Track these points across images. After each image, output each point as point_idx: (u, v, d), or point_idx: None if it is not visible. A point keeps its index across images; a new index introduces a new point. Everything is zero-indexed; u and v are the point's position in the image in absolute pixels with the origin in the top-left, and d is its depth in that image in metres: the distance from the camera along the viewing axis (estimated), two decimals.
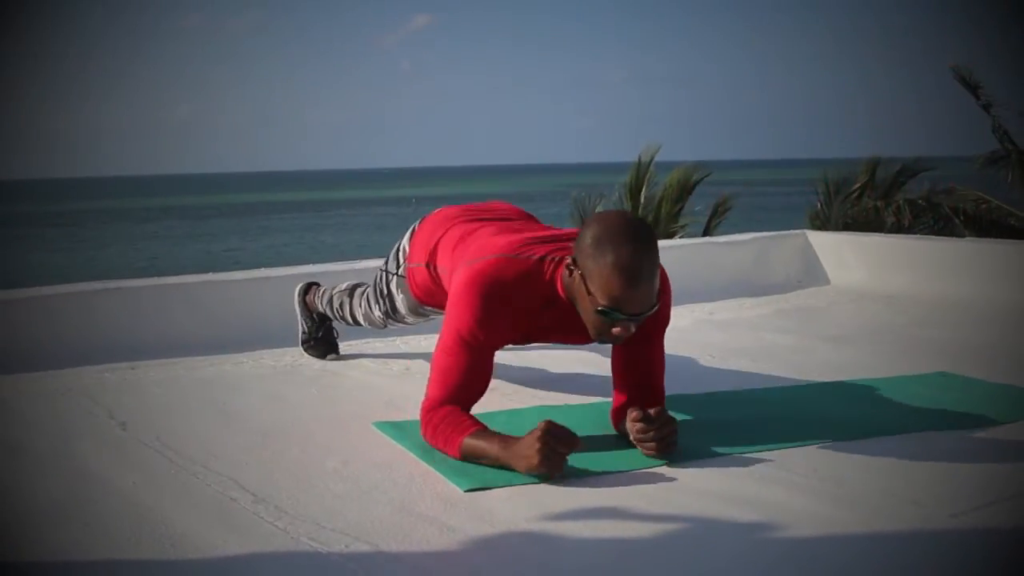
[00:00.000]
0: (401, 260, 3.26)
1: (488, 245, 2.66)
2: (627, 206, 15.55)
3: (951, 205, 15.10)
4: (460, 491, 2.28)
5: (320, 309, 3.80)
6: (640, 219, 2.52)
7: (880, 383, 3.24)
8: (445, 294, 2.93)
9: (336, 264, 4.85)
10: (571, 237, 2.63)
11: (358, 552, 1.95)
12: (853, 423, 2.78)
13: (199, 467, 2.50)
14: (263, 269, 4.72)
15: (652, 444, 2.44)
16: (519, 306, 2.55)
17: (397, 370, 3.62)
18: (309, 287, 3.90)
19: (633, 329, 2.42)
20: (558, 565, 1.90)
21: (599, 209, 15.62)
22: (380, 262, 3.50)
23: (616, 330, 2.41)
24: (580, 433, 2.37)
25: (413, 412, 2.97)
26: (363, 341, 4.08)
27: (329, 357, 3.83)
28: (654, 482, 2.34)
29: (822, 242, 5.94)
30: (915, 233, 13.83)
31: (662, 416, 2.44)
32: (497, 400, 3.06)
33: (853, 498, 2.20)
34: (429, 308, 3.30)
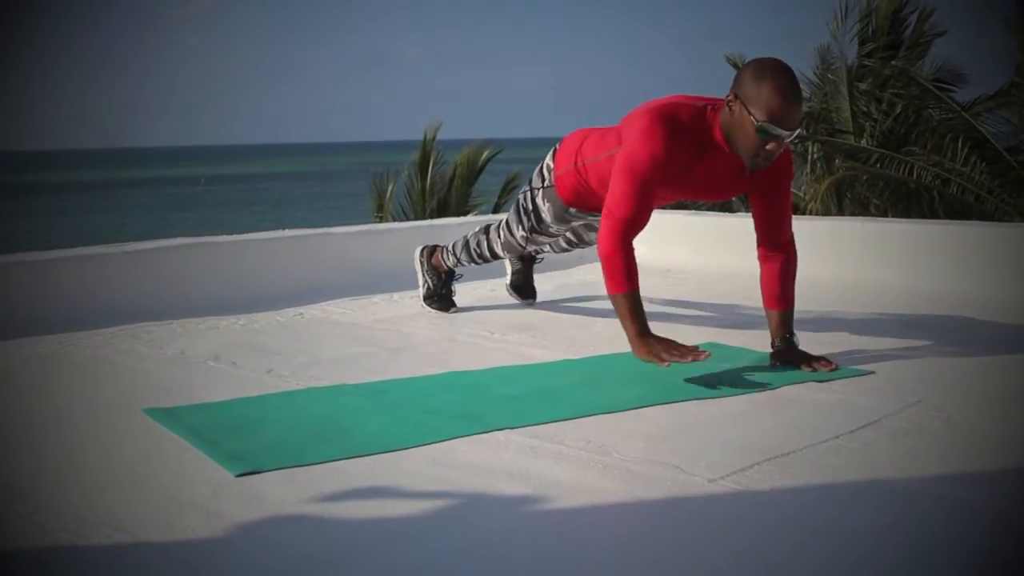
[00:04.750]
0: (546, 175, 3.70)
1: (657, 100, 3.10)
2: (417, 185, 15.54)
3: None
4: (231, 476, 2.23)
5: (449, 264, 4.22)
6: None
7: None
8: (592, 194, 3.50)
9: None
10: (713, 99, 3.07)
11: (117, 544, 1.88)
12: (627, 394, 2.85)
13: None
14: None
15: (831, 369, 3.07)
16: (683, 146, 2.99)
17: (172, 355, 3.51)
18: (434, 249, 4.30)
19: (781, 148, 2.90)
20: (323, 548, 1.87)
21: (393, 186, 15.69)
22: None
23: (769, 146, 2.88)
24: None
25: (186, 397, 2.89)
26: (137, 326, 3.94)
27: (451, 310, 4.27)
28: (425, 460, 2.34)
29: None
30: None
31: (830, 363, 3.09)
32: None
33: (620, 467, 2.25)
34: (575, 211, 3.69)
